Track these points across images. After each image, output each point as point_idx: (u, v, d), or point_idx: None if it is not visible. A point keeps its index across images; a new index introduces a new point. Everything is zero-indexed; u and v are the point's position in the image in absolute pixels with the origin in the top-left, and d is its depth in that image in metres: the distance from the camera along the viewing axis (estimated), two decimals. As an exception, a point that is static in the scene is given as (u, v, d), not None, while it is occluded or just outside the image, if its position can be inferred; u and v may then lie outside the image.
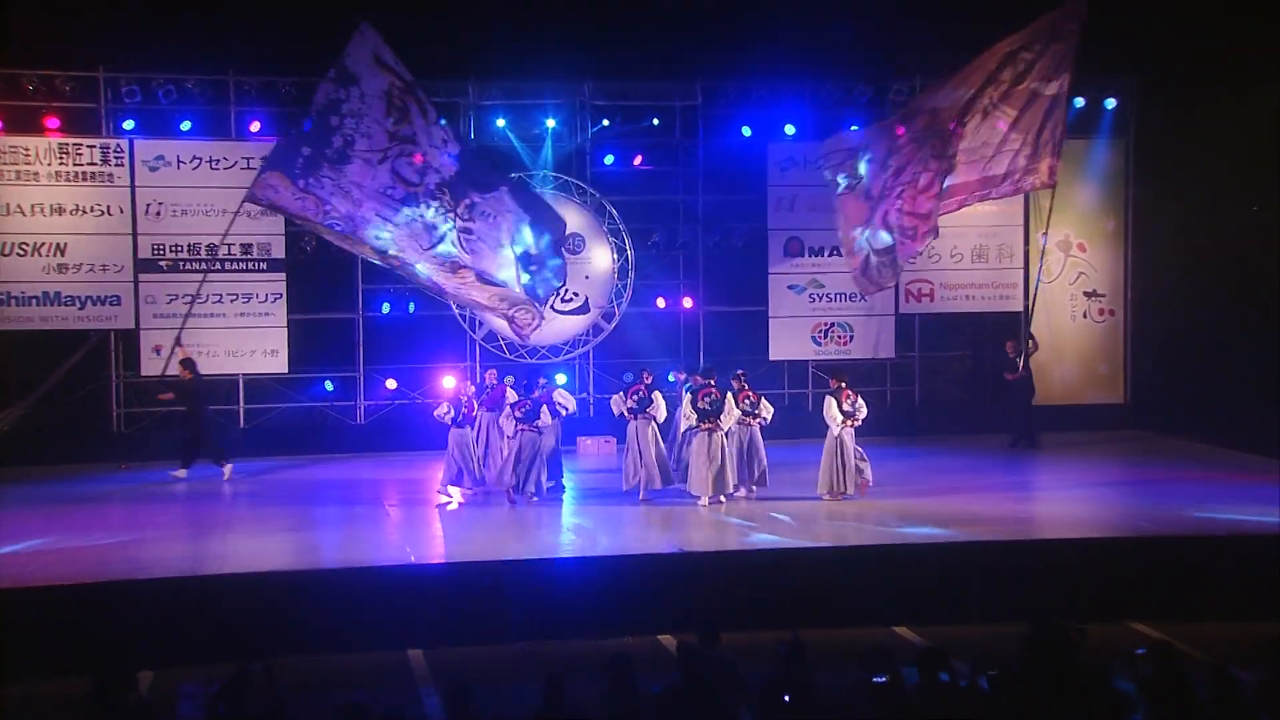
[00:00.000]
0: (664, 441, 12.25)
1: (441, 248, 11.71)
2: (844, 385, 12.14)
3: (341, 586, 9.25)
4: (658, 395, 12.31)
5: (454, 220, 11.71)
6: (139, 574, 9.34)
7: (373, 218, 11.52)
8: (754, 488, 12.20)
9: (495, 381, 13.23)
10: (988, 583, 9.76)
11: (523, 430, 11.97)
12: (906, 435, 15.87)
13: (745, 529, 11.18)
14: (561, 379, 14.98)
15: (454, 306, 15.56)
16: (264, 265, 15.10)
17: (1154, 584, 9.74)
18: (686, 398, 12.11)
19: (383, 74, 11.53)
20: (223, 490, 13.05)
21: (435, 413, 12.54)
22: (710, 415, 11.78)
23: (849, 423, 11.85)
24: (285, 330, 15.11)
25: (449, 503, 12.08)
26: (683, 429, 12.04)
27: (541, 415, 12.03)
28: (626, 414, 12.25)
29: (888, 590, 9.60)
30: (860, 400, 12.10)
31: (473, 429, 12.44)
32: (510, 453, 12.09)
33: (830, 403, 12.00)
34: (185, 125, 14.80)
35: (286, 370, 15.24)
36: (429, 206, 11.65)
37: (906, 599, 9.60)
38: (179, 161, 14.75)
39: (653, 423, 12.14)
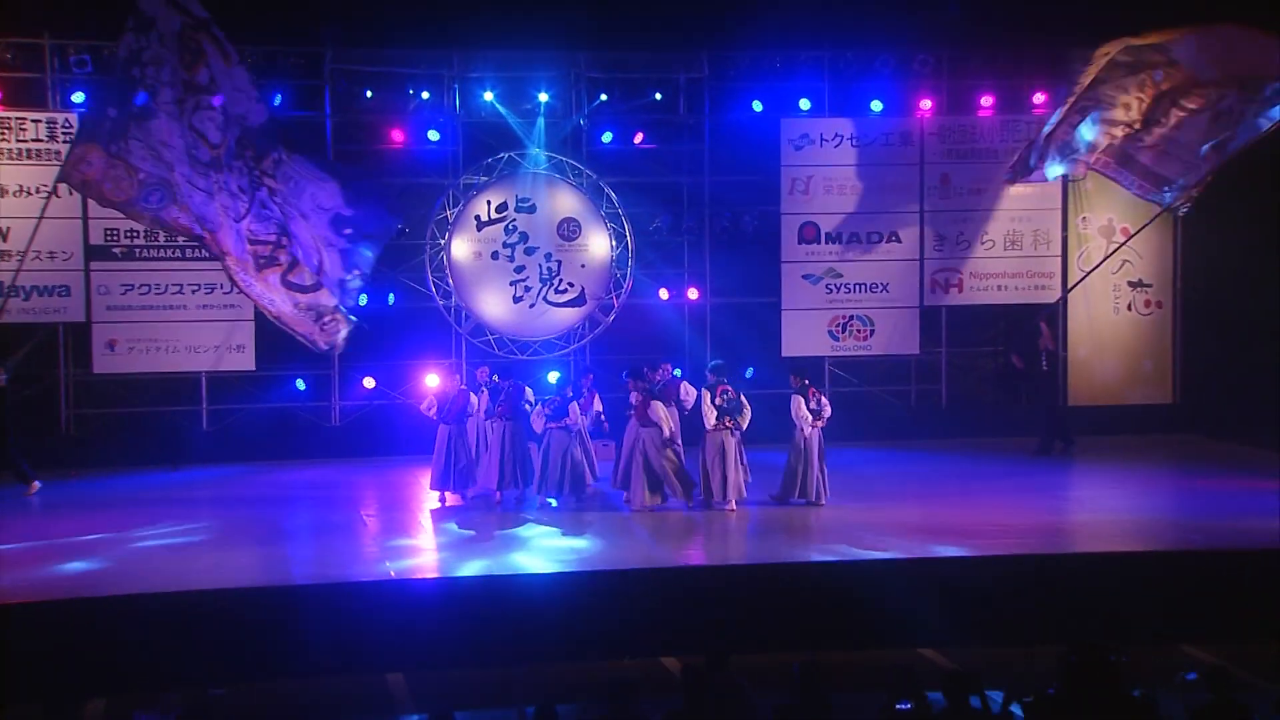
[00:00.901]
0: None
1: (248, 220, 11.16)
2: (808, 382, 12.40)
3: (314, 605, 9.17)
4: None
5: (259, 178, 11.18)
6: (89, 592, 9.25)
7: (183, 184, 11.06)
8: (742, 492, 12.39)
9: (486, 379, 13.18)
10: (1021, 601, 9.70)
11: (551, 429, 12.15)
12: (932, 438, 15.84)
13: (755, 540, 11.16)
14: (553, 377, 14.97)
15: (438, 298, 15.62)
16: (229, 252, 15.11)
17: (1206, 602, 9.67)
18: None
19: (175, 13, 11.11)
20: (186, 499, 12.99)
21: (421, 405, 12.61)
22: (729, 413, 11.92)
23: (817, 423, 12.06)
24: (253, 324, 14.99)
25: (445, 503, 12.20)
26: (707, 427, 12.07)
27: (570, 413, 12.20)
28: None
29: (912, 609, 9.54)
30: (825, 399, 12.39)
31: (458, 425, 12.42)
32: (540, 454, 12.30)
33: (799, 401, 12.23)
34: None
35: (254, 367, 15.18)
36: (233, 168, 11.16)
37: (933, 618, 9.55)
38: (135, 138, 14.73)
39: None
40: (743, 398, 12.17)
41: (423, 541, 11.06)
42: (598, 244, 15.86)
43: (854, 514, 11.78)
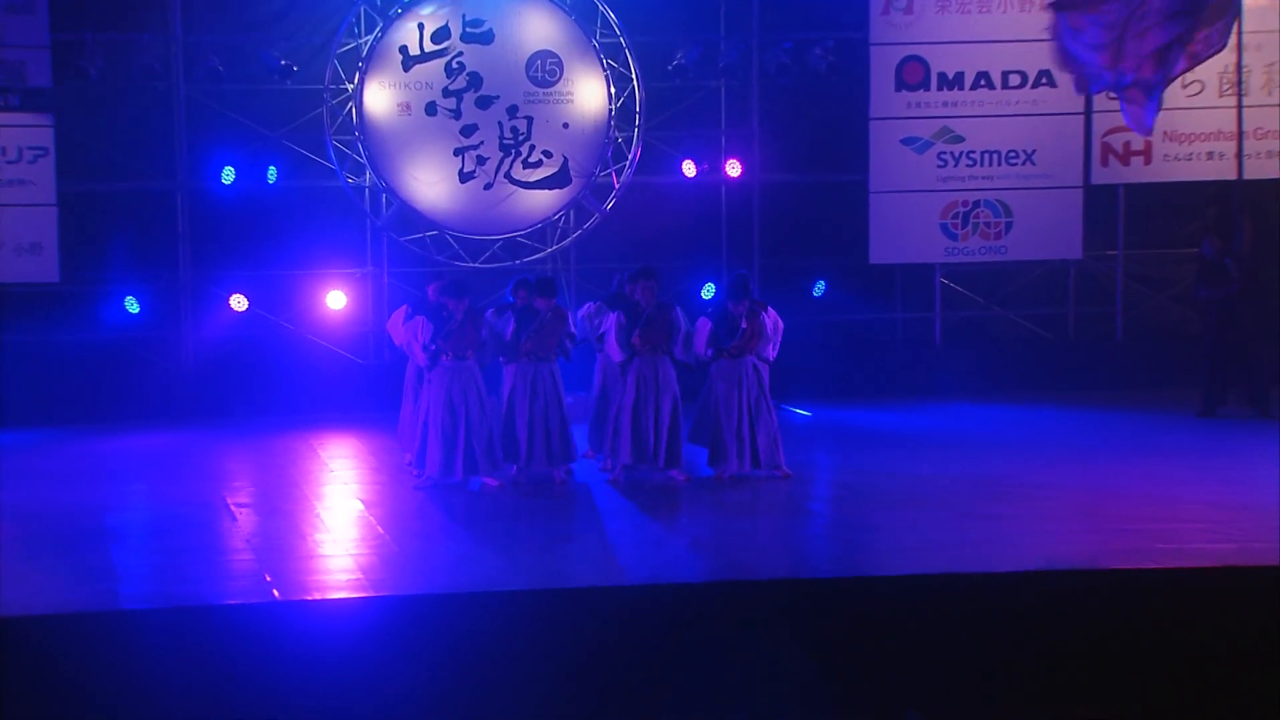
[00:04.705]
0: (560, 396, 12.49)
1: None
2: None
3: (154, 638, 8.91)
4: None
5: None
6: None
7: None
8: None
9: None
10: (1236, 633, 9.47)
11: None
12: (1104, 389, 15.94)
13: (818, 542, 11.07)
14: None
15: (344, 174, 15.52)
16: (15, 99, 14.80)
17: None
18: None
19: None
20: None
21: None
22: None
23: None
24: (54, 210, 14.99)
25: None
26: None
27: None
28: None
29: (1066, 650, 9.24)
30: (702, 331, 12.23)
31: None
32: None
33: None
34: None
35: (58, 279, 15.16)
36: None
37: (1100, 668, 9.27)
38: None
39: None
40: None
41: (324, 544, 10.89)
42: (589, 92, 15.78)
43: (985, 501, 11.60)
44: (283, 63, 15.27)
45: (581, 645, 9.11)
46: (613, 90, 15.79)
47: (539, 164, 15.79)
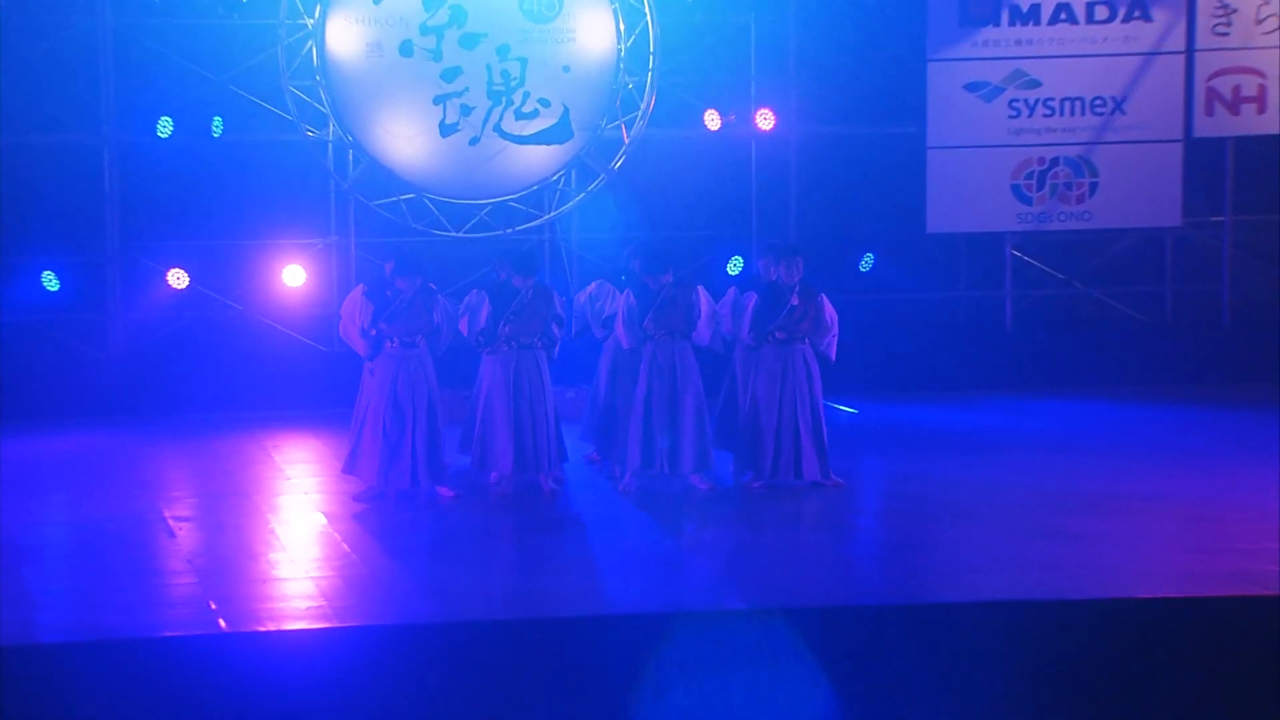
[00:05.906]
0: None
1: None
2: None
3: (84, 674, 8.90)
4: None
5: None
6: None
7: None
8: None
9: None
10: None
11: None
12: (1208, 381, 16.07)
13: (866, 563, 11.03)
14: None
15: (304, 126, 15.58)
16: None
17: None
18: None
19: None
20: None
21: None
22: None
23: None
24: None
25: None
26: None
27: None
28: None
29: (1159, 689, 9.11)
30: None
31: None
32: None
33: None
34: None
35: None
36: None
37: (1198, 709, 9.12)
38: None
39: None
40: None
41: (279, 565, 10.91)
42: (594, 29, 15.87)
43: (1064, 515, 11.57)
44: (227, -14, 15.26)
45: (580, 685, 9.13)
46: (622, 27, 15.83)
47: (534, 114, 15.85)
